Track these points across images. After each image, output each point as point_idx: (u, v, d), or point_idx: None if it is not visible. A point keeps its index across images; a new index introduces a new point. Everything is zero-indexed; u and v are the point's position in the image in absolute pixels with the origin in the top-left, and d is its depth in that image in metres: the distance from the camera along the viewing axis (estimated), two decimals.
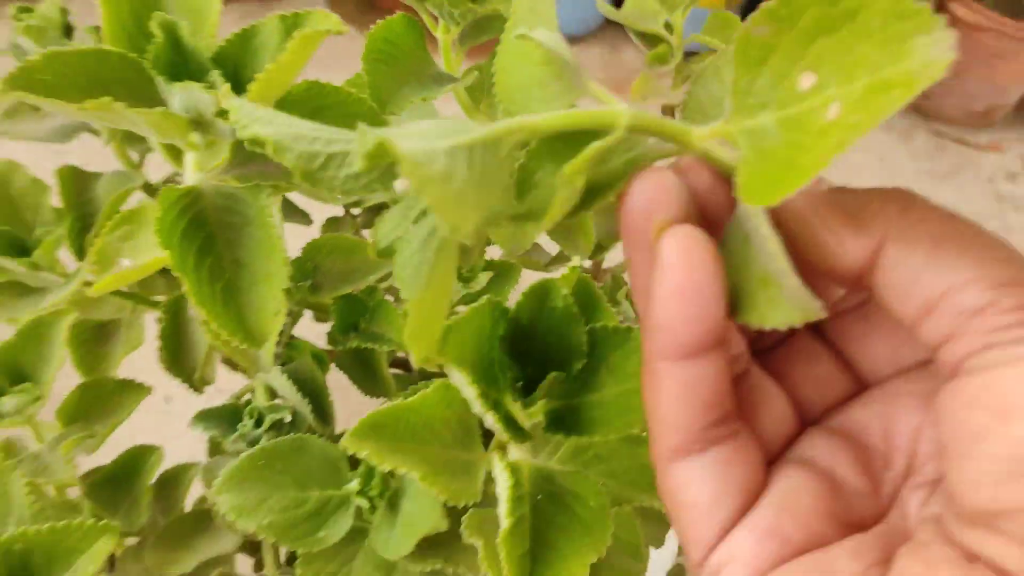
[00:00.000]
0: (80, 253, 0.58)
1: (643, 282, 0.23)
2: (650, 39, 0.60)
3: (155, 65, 0.35)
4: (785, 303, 0.21)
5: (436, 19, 0.47)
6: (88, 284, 0.53)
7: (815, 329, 0.27)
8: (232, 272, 0.38)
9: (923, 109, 1.36)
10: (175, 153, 0.42)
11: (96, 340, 0.60)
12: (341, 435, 0.32)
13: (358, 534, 0.42)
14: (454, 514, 0.38)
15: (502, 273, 0.55)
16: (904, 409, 0.25)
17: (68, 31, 0.56)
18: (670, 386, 0.23)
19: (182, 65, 0.36)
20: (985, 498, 0.19)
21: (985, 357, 0.20)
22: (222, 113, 0.35)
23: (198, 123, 0.36)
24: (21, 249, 0.53)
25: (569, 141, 0.22)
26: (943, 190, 1.26)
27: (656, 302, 0.22)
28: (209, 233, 0.38)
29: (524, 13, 0.26)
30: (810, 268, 0.23)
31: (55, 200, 0.55)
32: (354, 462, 0.43)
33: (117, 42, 0.37)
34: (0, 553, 0.39)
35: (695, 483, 0.24)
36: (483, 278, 0.52)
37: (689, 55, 0.58)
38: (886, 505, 0.25)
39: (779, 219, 0.22)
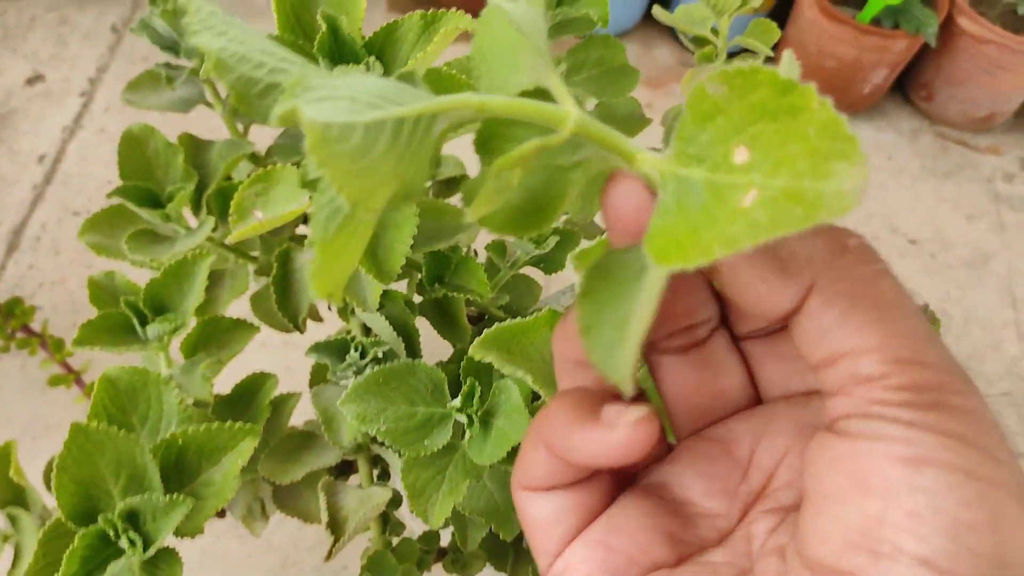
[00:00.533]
0: (196, 209, 0.66)
1: None
2: (698, 41, 0.68)
3: (320, 49, 0.43)
4: (615, 358, 0.20)
5: None
6: (211, 236, 0.62)
7: (734, 339, 0.28)
8: None
9: (929, 112, 1.44)
10: None
11: (208, 285, 0.68)
12: None
13: (451, 447, 0.51)
14: None
15: (565, 239, 0.63)
16: (777, 430, 0.26)
17: None
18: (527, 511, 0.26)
19: (339, 51, 0.44)
20: (829, 555, 0.20)
21: (859, 424, 0.20)
22: None
23: None
24: (155, 202, 0.61)
25: (517, 130, 0.24)
26: (945, 187, 1.34)
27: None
28: None
29: None
30: (736, 306, 0.25)
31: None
32: (453, 386, 0.51)
33: (284, 29, 0.46)
34: (162, 448, 0.46)
35: (539, 501, 0.26)
36: (551, 241, 0.60)
37: (731, 55, 0.66)
38: (734, 523, 0.26)
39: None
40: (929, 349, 0.20)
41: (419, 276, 0.62)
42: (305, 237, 0.72)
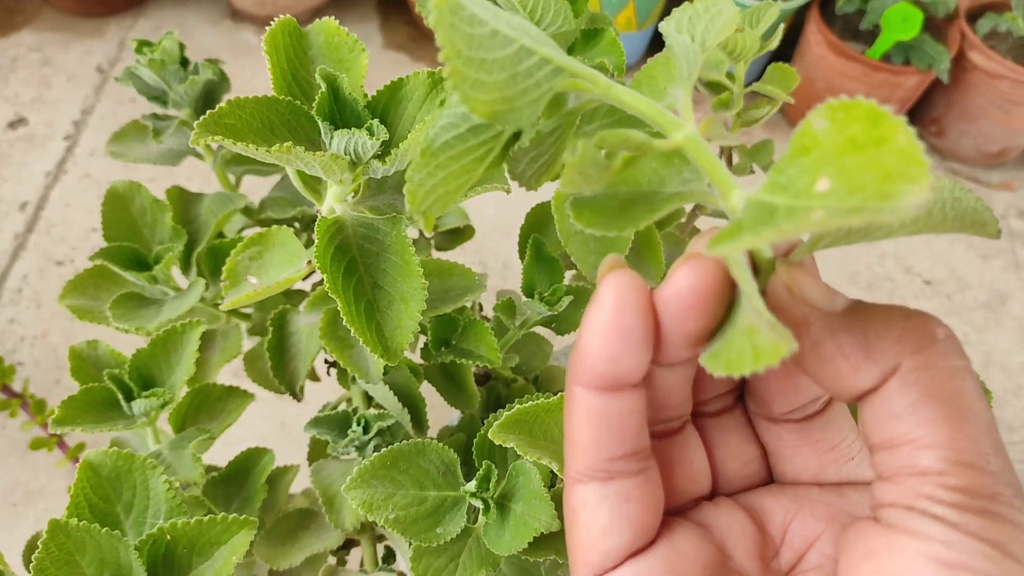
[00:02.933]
0: (186, 267, 0.63)
1: None
2: (713, 86, 0.65)
3: (319, 112, 0.40)
4: (760, 350, 0.20)
5: None
6: (202, 297, 0.58)
7: (752, 425, 0.28)
8: (372, 293, 0.43)
9: (940, 148, 1.42)
10: (311, 186, 0.47)
11: (197, 348, 0.64)
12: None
13: (464, 532, 0.47)
14: (560, 510, 0.43)
15: (579, 297, 0.59)
16: (810, 514, 0.26)
17: (184, 63, 0.61)
18: (582, 412, 0.24)
19: (340, 113, 0.41)
20: None
21: (902, 516, 0.20)
22: (378, 155, 0.40)
23: (354, 163, 0.40)
24: (142, 264, 0.57)
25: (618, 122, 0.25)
26: None
27: (584, 332, 0.23)
28: (352, 258, 0.43)
29: None
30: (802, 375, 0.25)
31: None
32: (464, 463, 0.47)
33: (280, 90, 0.42)
34: (149, 544, 0.42)
35: (591, 507, 0.25)
36: (564, 301, 0.57)
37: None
38: None
39: (795, 333, 0.21)
40: (992, 457, 0.20)
41: (424, 340, 0.58)
42: (302, 293, 0.69)
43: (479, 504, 0.44)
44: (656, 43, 1.47)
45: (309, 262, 0.46)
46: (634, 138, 0.22)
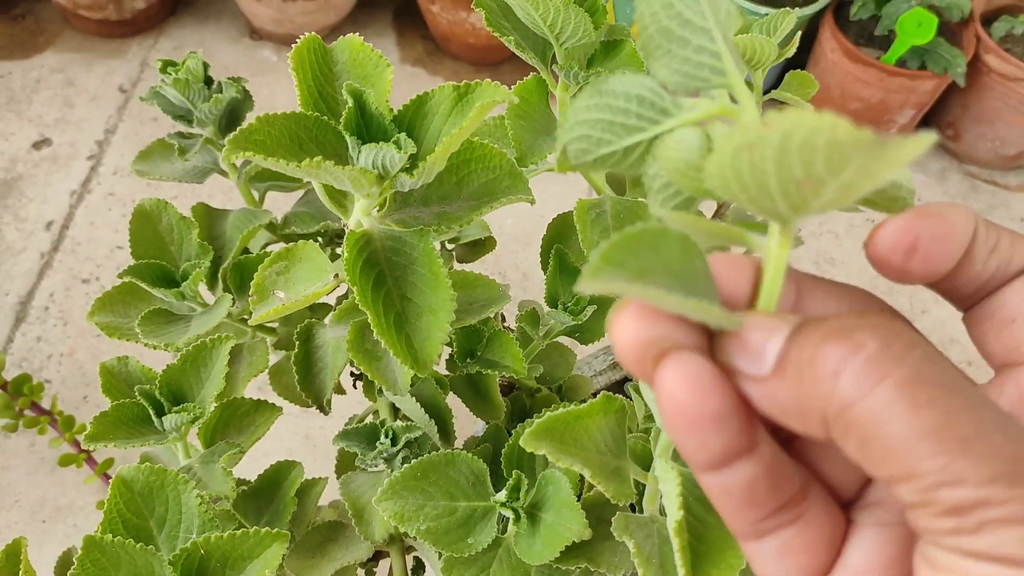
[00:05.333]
0: (212, 283, 0.63)
1: None
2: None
3: (346, 127, 0.40)
4: None
5: (556, 79, 0.53)
6: (229, 312, 0.59)
7: None
8: (400, 305, 0.43)
9: (957, 152, 1.41)
10: (338, 200, 0.47)
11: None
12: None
13: (494, 543, 0.47)
14: (590, 519, 0.43)
15: (602, 307, 0.60)
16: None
17: (208, 82, 0.61)
18: (707, 488, 0.23)
19: (367, 127, 0.41)
20: None
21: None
22: (405, 169, 0.40)
23: (381, 177, 0.41)
24: (169, 280, 0.58)
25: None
26: None
27: (668, 430, 0.22)
28: (380, 271, 0.44)
29: None
30: None
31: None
32: (494, 476, 0.48)
33: (307, 106, 0.43)
34: (183, 558, 0.43)
35: (757, 563, 0.25)
36: (588, 311, 0.57)
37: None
38: None
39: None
40: None
41: (449, 351, 0.59)
42: (326, 307, 0.69)
43: (509, 514, 0.45)
44: None
45: (336, 276, 0.47)
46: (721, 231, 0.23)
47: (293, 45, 0.42)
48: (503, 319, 0.86)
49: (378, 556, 0.59)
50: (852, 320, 0.21)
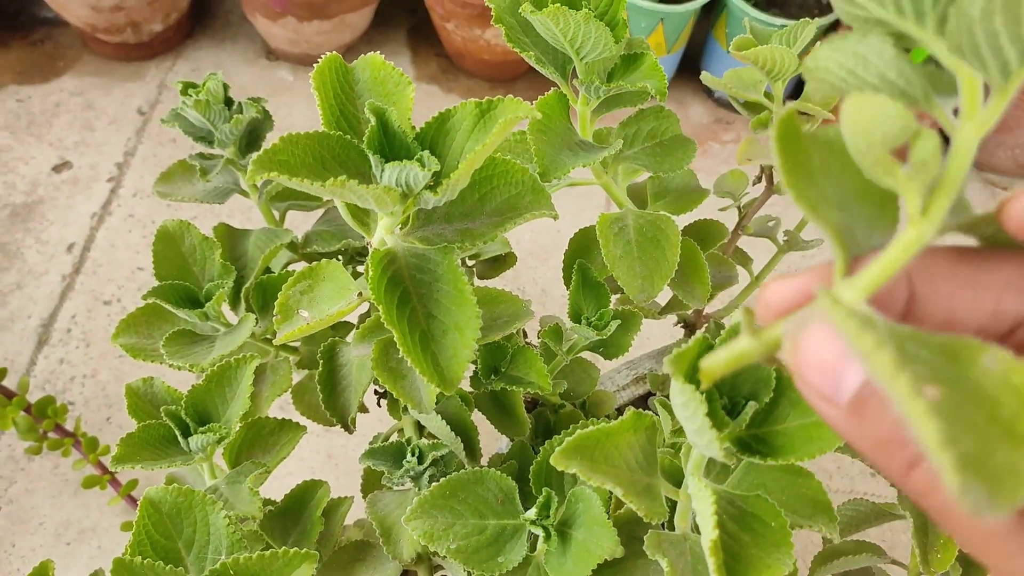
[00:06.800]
0: (234, 303, 0.63)
1: None
2: (750, 106, 0.65)
3: (369, 146, 0.40)
4: None
5: (576, 93, 0.53)
6: (252, 332, 0.59)
7: None
8: (426, 323, 0.43)
9: (975, 160, 1.40)
10: (360, 219, 0.47)
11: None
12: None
13: (524, 561, 0.46)
14: (621, 536, 0.43)
15: (626, 321, 0.59)
16: None
17: (229, 103, 0.62)
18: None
19: (390, 146, 0.41)
20: None
21: None
22: (429, 186, 0.40)
23: (405, 195, 0.41)
24: (193, 301, 0.58)
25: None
26: None
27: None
28: (405, 289, 0.44)
29: None
30: None
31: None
32: (521, 494, 0.47)
33: (329, 125, 0.43)
34: None
35: None
36: (612, 325, 0.57)
37: None
38: None
39: None
40: None
41: (473, 368, 0.59)
42: (348, 325, 0.69)
43: (539, 532, 0.44)
44: (685, 66, 1.48)
45: (360, 294, 0.47)
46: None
47: (313, 64, 0.43)
48: (524, 335, 0.85)
49: None
50: None
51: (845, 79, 0.21)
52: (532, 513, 0.44)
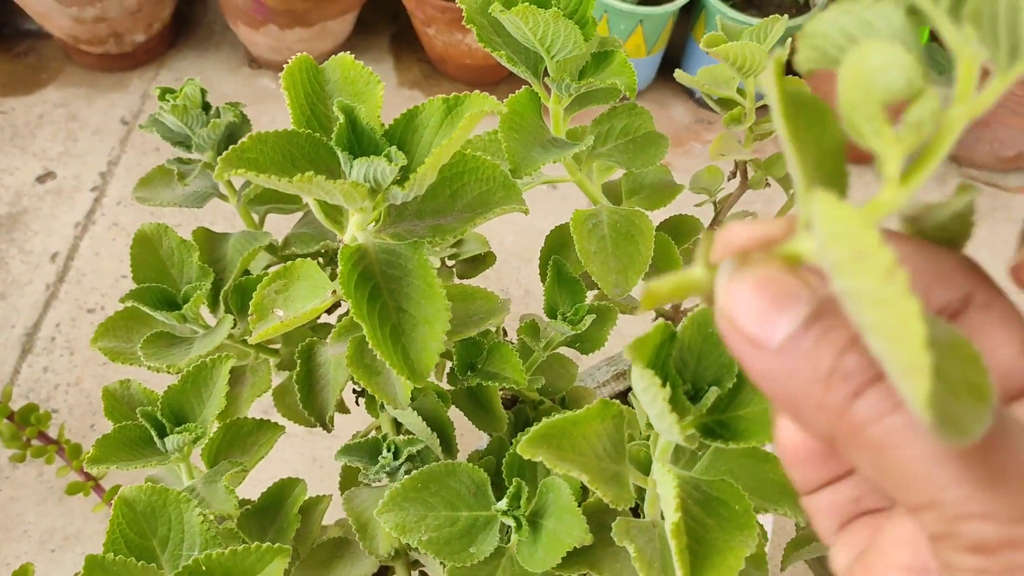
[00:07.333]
0: (214, 306, 0.64)
1: None
2: (724, 102, 0.66)
3: (338, 142, 0.41)
4: None
5: (549, 91, 0.54)
6: (231, 334, 0.59)
7: None
8: (396, 317, 0.44)
9: (956, 155, 1.41)
10: (333, 217, 0.48)
11: (227, 385, 0.65)
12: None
13: (497, 552, 0.47)
14: (591, 525, 0.43)
15: (602, 316, 0.60)
16: None
17: (206, 108, 0.62)
18: None
19: (358, 143, 0.42)
20: None
21: None
22: (397, 181, 0.41)
23: (374, 190, 0.41)
24: (171, 303, 0.59)
25: None
26: (979, 232, 1.30)
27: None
28: (375, 284, 0.44)
29: None
30: None
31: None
32: (494, 483, 0.48)
33: (299, 124, 0.43)
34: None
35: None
36: (588, 320, 0.57)
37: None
38: None
39: None
40: None
41: (450, 365, 0.59)
42: (328, 327, 0.70)
43: (511, 522, 0.45)
44: (666, 67, 1.49)
45: (334, 292, 0.47)
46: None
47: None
48: (505, 334, 0.86)
49: (385, 572, 0.59)
50: None
51: (843, 47, 0.20)
52: (503, 504, 0.44)
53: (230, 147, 0.38)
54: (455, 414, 0.59)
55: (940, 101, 0.19)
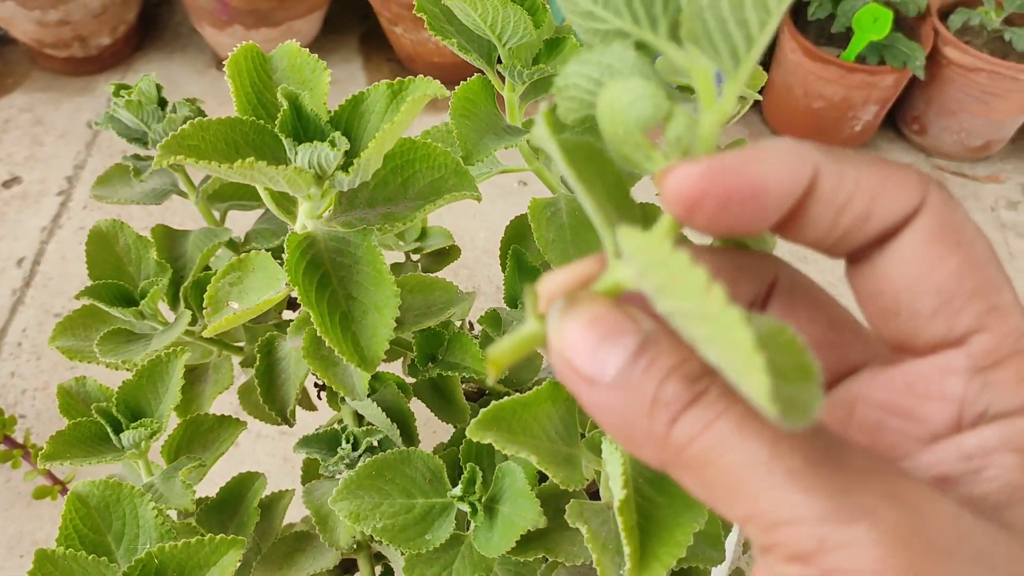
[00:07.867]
0: (173, 303, 0.63)
1: None
2: (686, 89, 0.66)
3: (282, 129, 0.41)
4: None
5: (503, 79, 0.54)
6: (191, 330, 0.58)
7: None
8: (346, 304, 0.44)
9: (924, 146, 1.42)
10: (284, 207, 0.47)
11: (189, 382, 0.65)
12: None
13: (455, 539, 0.47)
14: (548, 509, 0.43)
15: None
16: None
17: (163, 104, 0.62)
18: None
19: (303, 129, 0.42)
20: None
21: None
22: (342, 167, 0.41)
23: (320, 176, 0.41)
24: (128, 300, 0.58)
25: None
26: None
27: None
28: (325, 272, 0.44)
29: None
30: None
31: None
32: (454, 472, 0.47)
33: (244, 111, 0.43)
34: (137, 570, 0.42)
35: None
36: None
37: None
38: None
39: None
40: None
41: (411, 356, 0.59)
42: (290, 322, 0.69)
43: (467, 508, 0.44)
44: None
45: (287, 283, 0.47)
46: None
47: None
48: (471, 327, 0.86)
49: (348, 565, 0.58)
50: (696, 362, 0.19)
51: (593, 92, 0.22)
52: (458, 490, 0.44)
53: (170, 134, 0.38)
54: (422, 409, 0.59)
55: (691, 114, 0.20)
